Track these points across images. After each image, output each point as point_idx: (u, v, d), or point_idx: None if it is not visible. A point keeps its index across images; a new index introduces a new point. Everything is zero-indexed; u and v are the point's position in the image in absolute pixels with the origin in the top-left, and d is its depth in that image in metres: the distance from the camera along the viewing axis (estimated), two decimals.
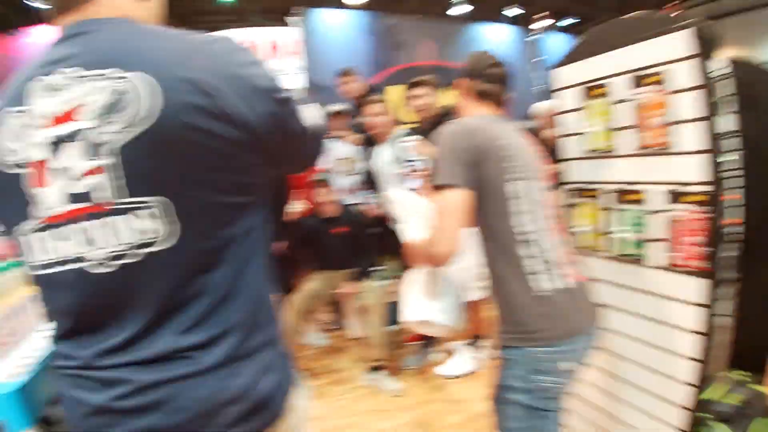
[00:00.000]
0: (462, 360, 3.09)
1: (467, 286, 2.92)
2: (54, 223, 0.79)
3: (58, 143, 0.77)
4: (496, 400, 1.45)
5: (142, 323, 0.81)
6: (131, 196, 0.76)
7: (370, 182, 3.58)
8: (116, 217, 0.77)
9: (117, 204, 0.76)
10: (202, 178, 0.80)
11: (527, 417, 1.39)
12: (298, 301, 3.30)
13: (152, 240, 0.78)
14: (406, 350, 3.44)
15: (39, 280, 0.87)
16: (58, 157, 0.77)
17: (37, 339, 1.23)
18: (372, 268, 3.49)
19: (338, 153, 3.86)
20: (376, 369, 3.07)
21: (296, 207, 3.35)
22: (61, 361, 0.88)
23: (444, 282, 1.61)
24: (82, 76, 0.77)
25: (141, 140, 0.75)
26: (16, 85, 0.82)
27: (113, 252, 0.78)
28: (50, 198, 0.78)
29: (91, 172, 0.75)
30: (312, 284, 3.45)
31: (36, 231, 0.81)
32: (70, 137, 0.76)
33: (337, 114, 3.87)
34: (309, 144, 1.01)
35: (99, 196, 0.76)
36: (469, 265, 2.91)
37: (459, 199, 1.37)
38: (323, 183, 3.39)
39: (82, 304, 0.83)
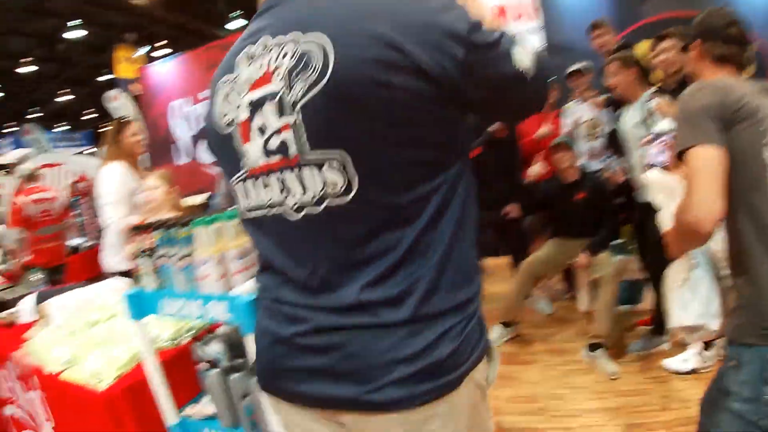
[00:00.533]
0: (691, 356, 2.77)
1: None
2: (256, 174, 0.90)
3: (256, 105, 0.86)
4: (709, 403, 1.25)
5: (327, 271, 0.87)
6: (313, 149, 0.82)
7: (615, 147, 3.31)
8: (303, 169, 0.83)
9: (302, 158, 0.83)
10: (384, 133, 0.80)
11: None
12: (530, 265, 3.33)
13: (333, 192, 0.82)
14: (633, 333, 3.23)
15: (247, 223, 1.01)
16: (257, 117, 0.86)
17: None
18: (611, 241, 3.33)
19: (580, 115, 3.66)
20: (596, 346, 2.94)
21: (534, 170, 3.38)
22: (259, 292, 1.03)
23: (701, 270, 1.46)
24: (272, 44, 0.86)
25: (319, 97, 0.78)
26: (227, 58, 0.96)
27: (301, 201, 0.85)
28: (252, 152, 0.89)
29: (281, 129, 0.83)
30: (546, 250, 3.43)
31: (244, 180, 0.94)
32: (265, 99, 0.85)
33: (578, 73, 3.63)
34: (527, 89, 0.89)
35: (288, 151, 0.84)
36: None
37: (711, 156, 1.16)
38: (564, 146, 3.28)
39: (278, 245, 0.94)
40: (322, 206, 0.84)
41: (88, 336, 1.92)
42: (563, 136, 3.54)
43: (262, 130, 0.86)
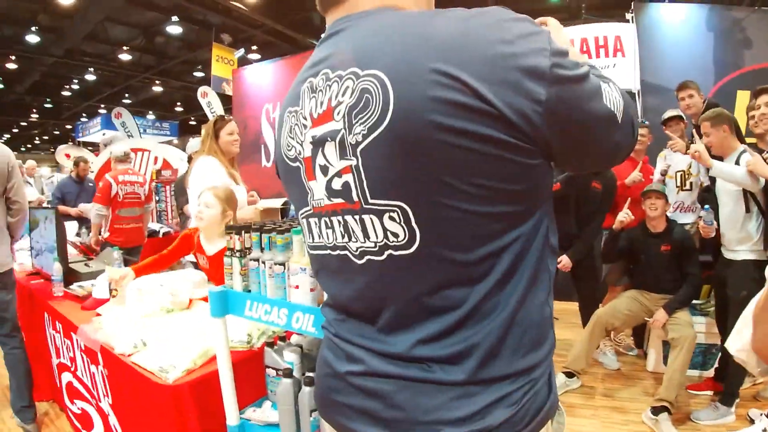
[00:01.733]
0: (758, 430, 2.54)
1: None
2: (321, 213, 0.85)
3: (318, 142, 0.79)
4: None
5: (388, 318, 0.82)
6: (372, 197, 0.75)
7: (707, 198, 3.19)
8: (366, 216, 0.77)
9: (364, 204, 0.76)
10: (449, 185, 0.70)
11: None
12: (602, 315, 3.19)
13: (394, 243, 0.76)
14: (697, 399, 3.06)
15: (312, 258, 0.96)
16: (319, 156, 0.80)
17: None
18: (692, 300, 3.16)
19: (674, 163, 3.51)
20: (660, 410, 2.77)
21: (622, 215, 3.25)
22: (325, 323, 0.98)
23: None
24: (333, 77, 0.77)
25: (378, 141, 0.71)
26: (293, 87, 0.88)
27: (363, 247, 0.80)
28: (317, 191, 0.83)
29: (341, 172, 0.77)
30: (621, 300, 3.28)
31: (310, 217, 0.89)
32: (326, 137, 0.78)
33: (676, 118, 3.48)
34: (618, 132, 0.79)
35: (350, 195, 0.77)
36: None
37: None
38: (657, 194, 3.12)
39: (343, 284, 0.88)
40: (384, 255, 0.78)
41: (161, 323, 1.98)
42: (656, 183, 3.38)
43: (324, 170, 0.81)
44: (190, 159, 4.46)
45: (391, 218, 0.74)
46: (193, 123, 20.84)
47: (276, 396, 1.56)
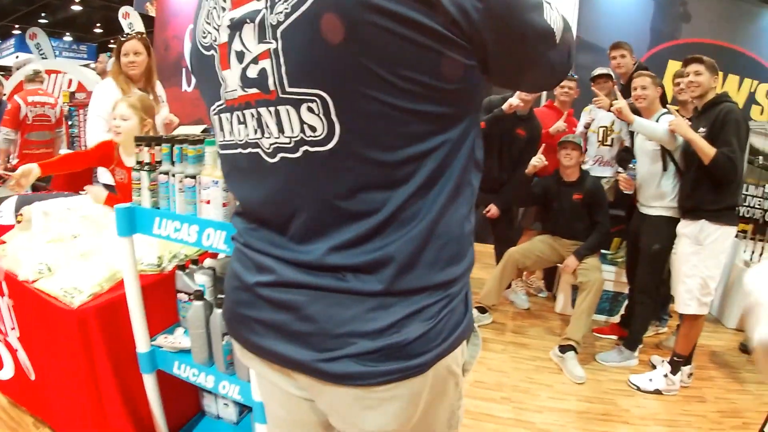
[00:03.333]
0: (657, 377, 2.80)
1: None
2: (233, 106, 0.78)
3: (236, 25, 0.72)
4: None
5: (301, 223, 0.77)
6: (291, 85, 0.68)
7: (624, 157, 3.35)
8: (282, 107, 0.70)
9: (281, 93, 0.69)
10: (375, 74, 0.64)
11: None
12: (514, 255, 3.32)
13: (311, 138, 0.70)
14: (602, 342, 3.28)
15: (222, 159, 0.89)
16: (236, 40, 0.73)
17: None
18: (599, 249, 3.34)
19: (598, 119, 3.62)
20: (567, 348, 2.95)
21: (536, 161, 3.33)
22: (235, 234, 0.91)
23: None
24: None
25: (301, 21, 0.64)
26: None
27: (277, 143, 0.74)
28: (230, 81, 0.76)
29: (258, 58, 0.70)
30: (533, 243, 3.41)
31: (222, 112, 0.81)
32: (246, 19, 0.70)
33: (605, 77, 3.57)
34: (553, 53, 0.76)
35: (266, 83, 0.70)
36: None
37: None
38: (573, 145, 3.23)
39: (254, 188, 0.82)
40: (300, 152, 0.72)
41: (69, 247, 1.84)
42: (574, 135, 3.49)
43: (240, 57, 0.73)
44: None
45: (310, 109, 0.68)
46: (113, 46, 19.25)
47: (187, 320, 1.50)
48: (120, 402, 1.57)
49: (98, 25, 17.40)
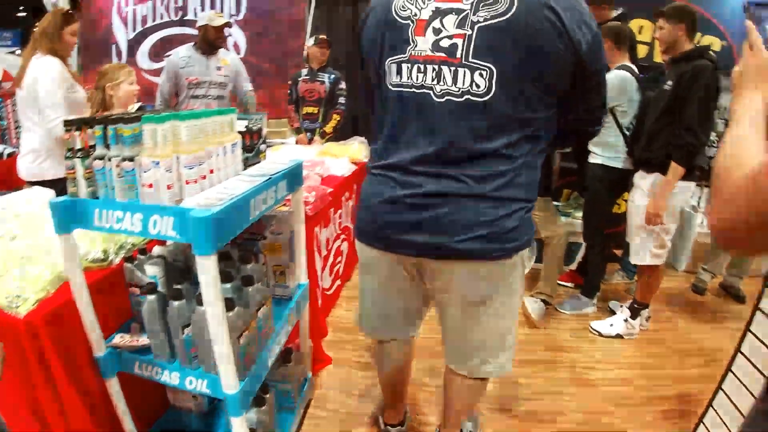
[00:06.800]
0: (617, 321, 2.90)
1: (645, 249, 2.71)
2: (417, 60, 1.19)
3: (440, 12, 1.16)
4: None
5: (449, 148, 1.19)
6: (473, 58, 1.13)
7: None
8: (459, 68, 1.14)
9: (464, 60, 1.13)
10: (527, 66, 1.13)
11: None
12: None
13: (475, 92, 1.15)
14: (559, 290, 3.35)
15: (390, 96, 1.27)
16: (436, 21, 1.16)
17: (232, 182, 1.33)
18: (555, 202, 3.38)
19: None
20: (541, 301, 3.04)
21: None
22: (375, 161, 1.36)
23: None
24: None
25: (493, 26, 1.11)
26: None
27: (448, 89, 1.16)
28: (421, 43, 1.18)
29: (454, 36, 1.14)
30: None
31: (404, 62, 1.22)
32: (450, 11, 1.14)
33: None
34: (604, 92, 1.32)
35: (454, 52, 1.14)
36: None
37: None
38: None
39: (414, 120, 1.22)
40: (463, 98, 1.15)
41: (5, 252, 1.67)
42: None
43: (436, 32, 1.16)
44: None
45: (481, 75, 1.14)
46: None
47: (142, 316, 1.39)
48: (84, 410, 1.44)
49: (21, 8, 16.08)
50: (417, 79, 1.19)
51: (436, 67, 1.16)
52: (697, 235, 2.78)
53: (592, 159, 2.99)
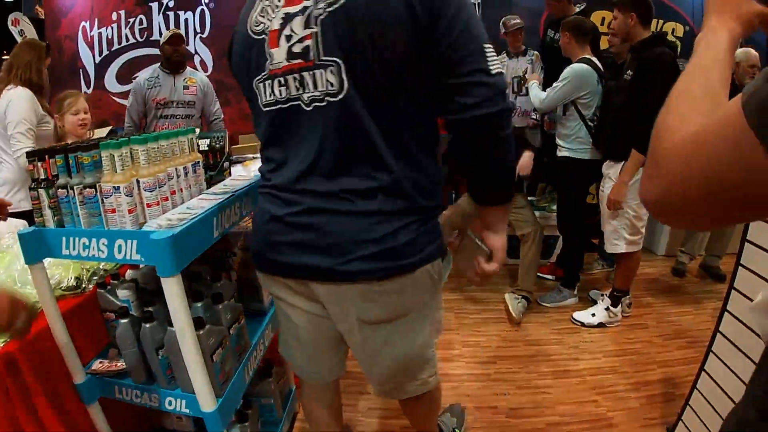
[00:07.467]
0: (599, 311, 2.94)
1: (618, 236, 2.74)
2: (277, 74, 1.09)
3: (289, 17, 1.05)
4: None
5: (324, 160, 1.08)
6: (325, 56, 1.02)
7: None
8: (316, 70, 1.04)
9: (317, 61, 1.03)
10: (371, 51, 0.99)
11: None
12: (447, 218, 3.36)
13: (331, 91, 1.04)
14: (540, 284, 3.40)
15: (263, 117, 1.17)
16: (287, 27, 1.05)
17: (195, 201, 1.35)
18: (530, 197, 3.40)
19: (510, 69, 3.67)
20: (521, 298, 3.08)
21: None
22: (263, 182, 1.23)
23: None
24: None
25: (334, 15, 0.99)
26: None
27: (313, 95, 1.06)
28: (277, 55, 1.08)
29: (304, 38, 1.03)
30: (463, 201, 3.47)
31: (266, 79, 1.12)
32: (298, 12, 1.04)
33: (520, 29, 3.62)
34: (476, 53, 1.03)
35: (307, 54, 1.03)
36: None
37: None
38: None
39: (292, 135, 1.12)
40: (325, 102, 1.05)
41: None
42: None
43: (288, 38, 1.05)
44: None
45: (332, 72, 1.02)
46: (6, 58, 17.64)
47: (117, 340, 1.40)
48: None
49: None
50: (281, 94, 1.10)
51: (297, 75, 1.06)
52: None
53: (560, 152, 3.04)
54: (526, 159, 3.09)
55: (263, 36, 1.10)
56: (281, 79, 1.08)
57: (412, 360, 1.30)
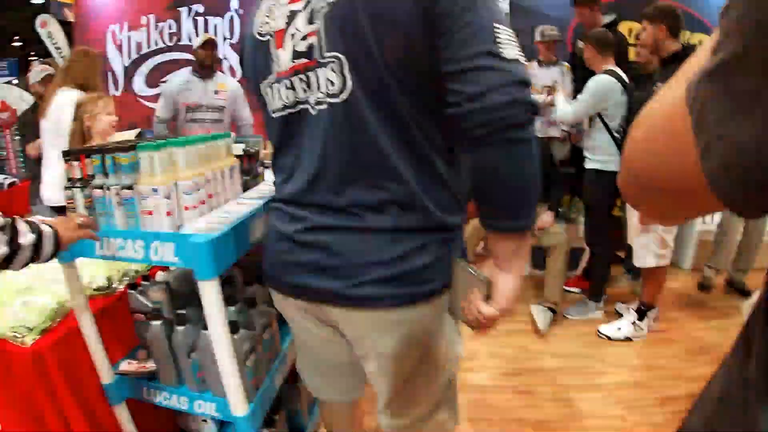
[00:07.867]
0: (625, 325, 2.88)
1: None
2: (283, 76, 1.00)
3: (293, 14, 0.97)
4: None
5: (331, 171, 0.97)
6: (326, 53, 0.92)
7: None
8: (319, 69, 0.94)
9: (320, 59, 0.93)
10: (375, 44, 0.88)
11: None
12: (476, 229, 3.30)
13: (332, 91, 0.93)
14: (570, 297, 3.35)
15: (273, 124, 1.07)
16: (292, 25, 0.97)
17: (233, 206, 1.35)
18: (558, 208, 3.36)
19: (538, 79, 3.61)
20: (548, 309, 3.04)
21: None
22: (274, 194, 1.14)
23: None
24: None
25: (335, 6, 0.90)
26: None
27: (320, 97, 0.95)
28: (283, 56, 0.99)
29: (309, 35, 0.94)
30: None
31: (274, 83, 1.03)
32: (299, 10, 0.96)
33: (546, 38, 3.59)
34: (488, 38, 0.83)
35: (311, 53, 0.94)
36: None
37: None
38: None
39: (301, 142, 1.02)
40: (326, 105, 0.95)
41: (8, 281, 1.68)
42: None
43: (293, 36, 0.97)
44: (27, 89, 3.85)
45: (332, 70, 0.92)
46: (34, 58, 17.99)
47: (148, 342, 1.40)
48: None
49: (16, 38, 16.27)
50: (288, 98, 1.00)
51: (303, 76, 0.96)
52: (699, 233, 2.78)
53: (587, 164, 3.01)
54: (546, 219, 3.10)
55: (269, 37, 1.02)
56: (287, 81, 0.99)
57: (432, 397, 1.17)
